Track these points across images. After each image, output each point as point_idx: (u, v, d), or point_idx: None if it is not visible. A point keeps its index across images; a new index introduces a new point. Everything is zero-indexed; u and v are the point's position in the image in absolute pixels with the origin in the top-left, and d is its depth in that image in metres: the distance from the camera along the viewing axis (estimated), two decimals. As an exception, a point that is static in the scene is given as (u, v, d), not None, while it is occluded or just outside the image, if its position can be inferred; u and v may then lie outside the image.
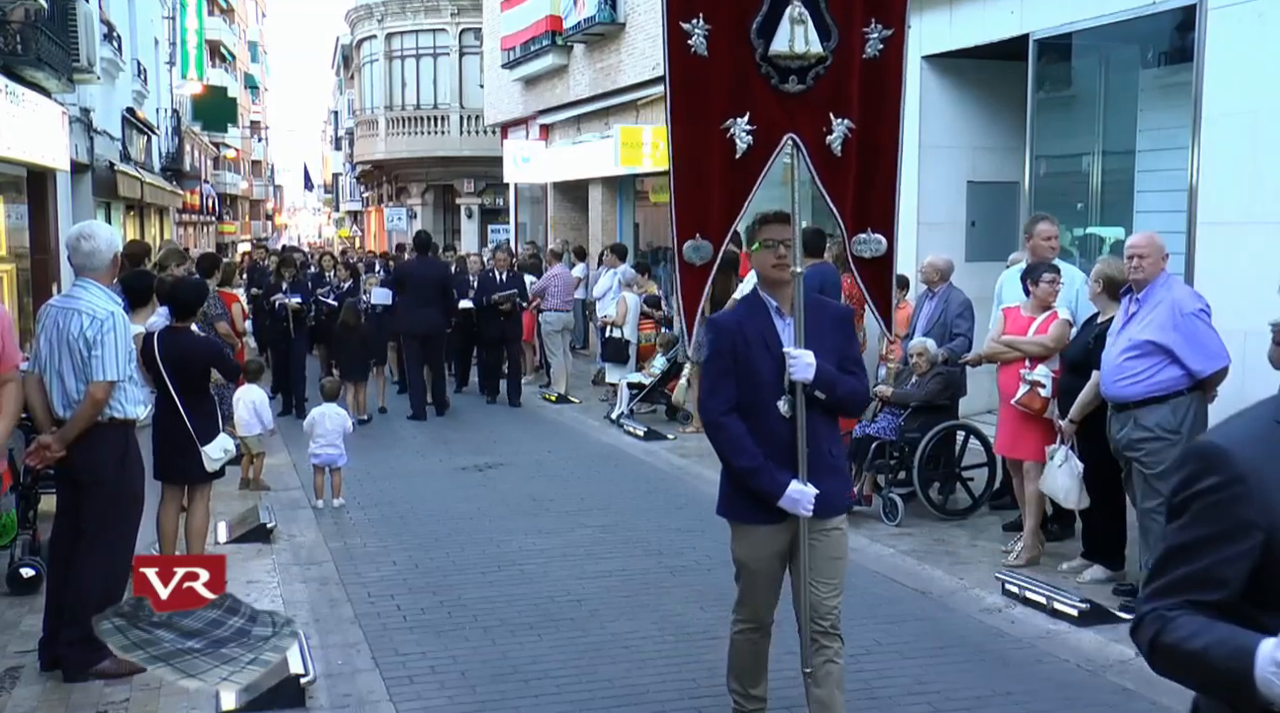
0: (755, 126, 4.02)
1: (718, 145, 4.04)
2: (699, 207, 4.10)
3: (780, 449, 3.93)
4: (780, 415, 3.93)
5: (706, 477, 9.46)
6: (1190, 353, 5.56)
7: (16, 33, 11.73)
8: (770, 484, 3.91)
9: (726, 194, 4.10)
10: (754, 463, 3.93)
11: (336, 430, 8.58)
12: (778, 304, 4.05)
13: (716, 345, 4.03)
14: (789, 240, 4.01)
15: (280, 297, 12.74)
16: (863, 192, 4.23)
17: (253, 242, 52.35)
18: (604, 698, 4.94)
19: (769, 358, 3.95)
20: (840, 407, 4.11)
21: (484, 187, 32.23)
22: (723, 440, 3.99)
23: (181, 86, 31.43)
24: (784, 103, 4.04)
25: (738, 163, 4.05)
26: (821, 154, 4.11)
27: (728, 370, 3.98)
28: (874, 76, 4.15)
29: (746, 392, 3.96)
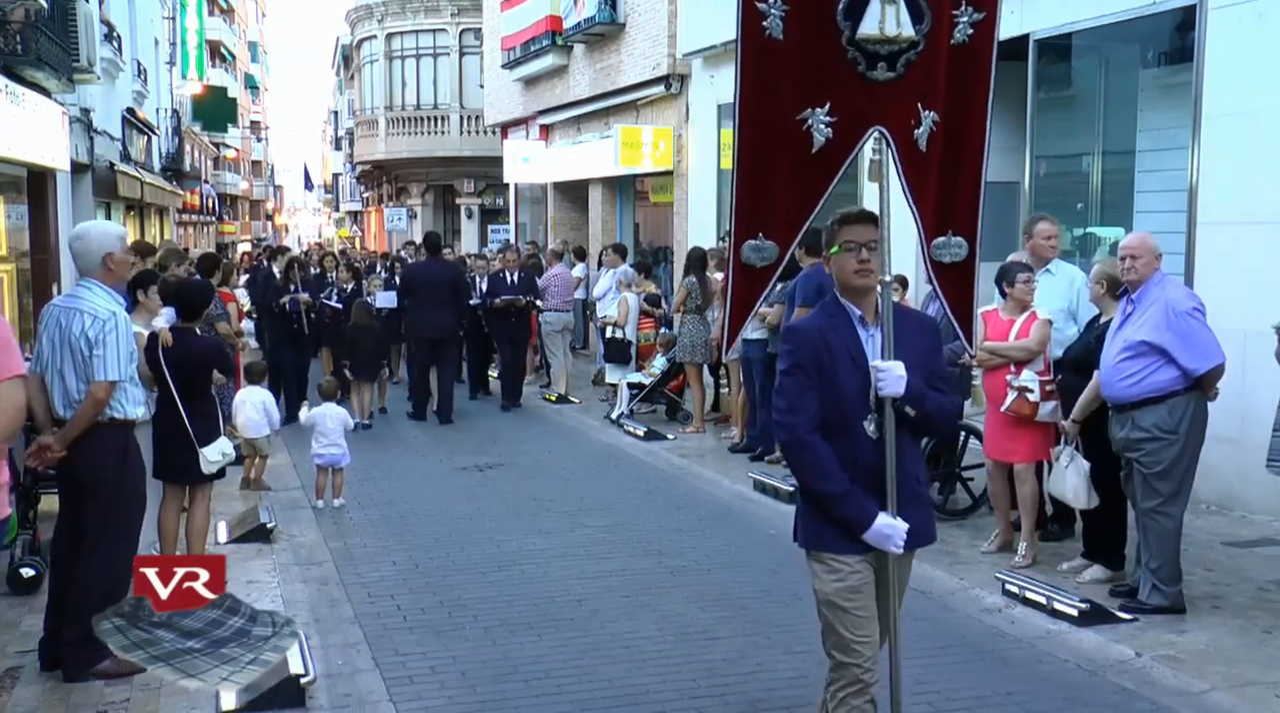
0: (836, 118, 3.63)
1: (791, 138, 3.65)
2: (764, 204, 3.74)
3: (866, 474, 3.57)
4: (867, 437, 3.57)
5: (706, 477, 9.48)
6: (1184, 352, 5.56)
7: (16, 33, 11.73)
8: (858, 513, 3.54)
9: (798, 191, 3.73)
10: (841, 488, 3.55)
11: (339, 430, 8.57)
12: (861, 313, 3.67)
13: (798, 356, 3.61)
14: (873, 243, 3.64)
15: (290, 295, 12.54)
16: (945, 191, 3.88)
17: (253, 242, 52.43)
18: (604, 698, 4.94)
19: (855, 372, 3.57)
20: (928, 426, 3.75)
21: (484, 186, 32.24)
22: (807, 461, 3.59)
23: (181, 86, 31.44)
24: (871, 92, 3.65)
25: (814, 158, 3.67)
26: (907, 149, 3.74)
27: (810, 385, 3.58)
28: (961, 65, 3.79)
29: (829, 409, 3.58)
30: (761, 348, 9.82)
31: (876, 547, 3.57)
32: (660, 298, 13.11)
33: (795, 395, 3.60)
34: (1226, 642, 5.38)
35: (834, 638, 3.71)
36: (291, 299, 12.51)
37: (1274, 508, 7.52)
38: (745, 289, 3.80)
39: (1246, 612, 5.80)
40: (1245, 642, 5.38)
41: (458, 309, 12.91)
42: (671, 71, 15.59)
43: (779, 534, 7.70)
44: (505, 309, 13.31)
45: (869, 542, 3.56)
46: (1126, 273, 5.75)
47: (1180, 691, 4.90)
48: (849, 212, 3.71)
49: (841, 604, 3.64)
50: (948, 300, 4.01)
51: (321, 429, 8.53)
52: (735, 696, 4.93)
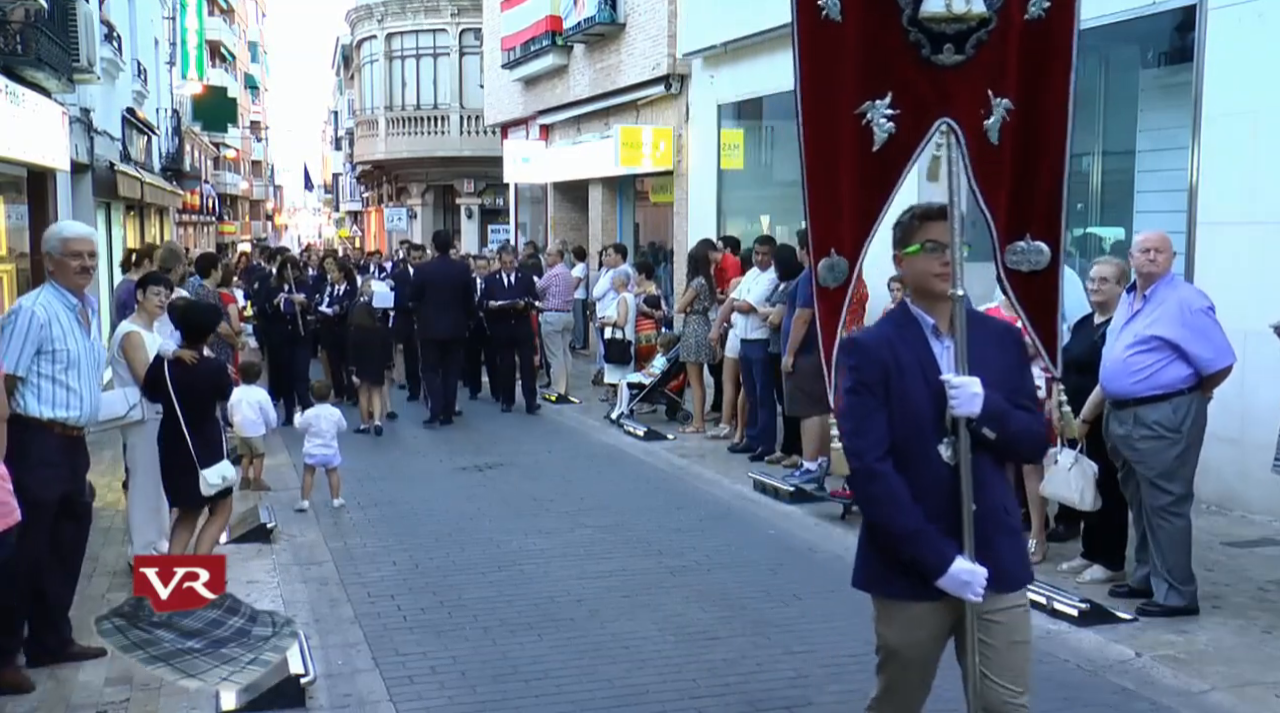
0: (899, 110, 3.20)
1: (850, 136, 3.24)
2: (833, 214, 3.31)
3: (941, 506, 3.12)
4: (943, 464, 3.13)
5: (706, 477, 9.48)
6: (1200, 347, 5.56)
7: (16, 33, 11.73)
8: (933, 555, 3.09)
9: (860, 197, 3.29)
10: (914, 525, 3.10)
11: (332, 430, 8.54)
12: (935, 321, 3.22)
13: (863, 373, 3.18)
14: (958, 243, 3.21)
15: (284, 295, 12.39)
16: (1020, 189, 3.39)
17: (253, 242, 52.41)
18: (604, 698, 4.94)
19: (927, 389, 3.14)
20: (1011, 448, 3.25)
21: (484, 186, 32.24)
22: (878, 494, 3.15)
23: (181, 86, 31.44)
24: (936, 78, 3.20)
25: (875, 157, 3.23)
26: (977, 142, 3.27)
27: (878, 405, 3.15)
28: (1037, 44, 3.29)
29: (899, 432, 3.15)
30: (762, 348, 9.82)
31: (953, 593, 3.11)
32: (660, 299, 13.09)
33: (861, 418, 3.17)
34: (1226, 642, 5.38)
35: (885, 682, 3.39)
36: (285, 300, 12.38)
37: (1274, 508, 7.52)
38: (825, 314, 3.42)
39: (1246, 612, 5.80)
40: (1245, 642, 5.38)
41: (467, 310, 12.75)
42: (671, 71, 15.58)
43: (779, 534, 7.71)
44: (504, 311, 13.18)
45: (943, 588, 3.09)
46: (1146, 266, 5.72)
47: (1180, 691, 4.90)
48: (930, 206, 3.25)
49: (903, 655, 3.27)
50: (1027, 314, 3.52)
51: (316, 430, 8.50)
52: (735, 696, 4.93)
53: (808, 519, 7.99)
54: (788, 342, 9.00)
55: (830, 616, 6.00)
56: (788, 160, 14.17)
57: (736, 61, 13.98)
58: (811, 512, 8.11)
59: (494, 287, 13.32)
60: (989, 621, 3.17)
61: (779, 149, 14.51)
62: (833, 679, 5.11)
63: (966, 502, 3.11)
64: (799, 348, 8.91)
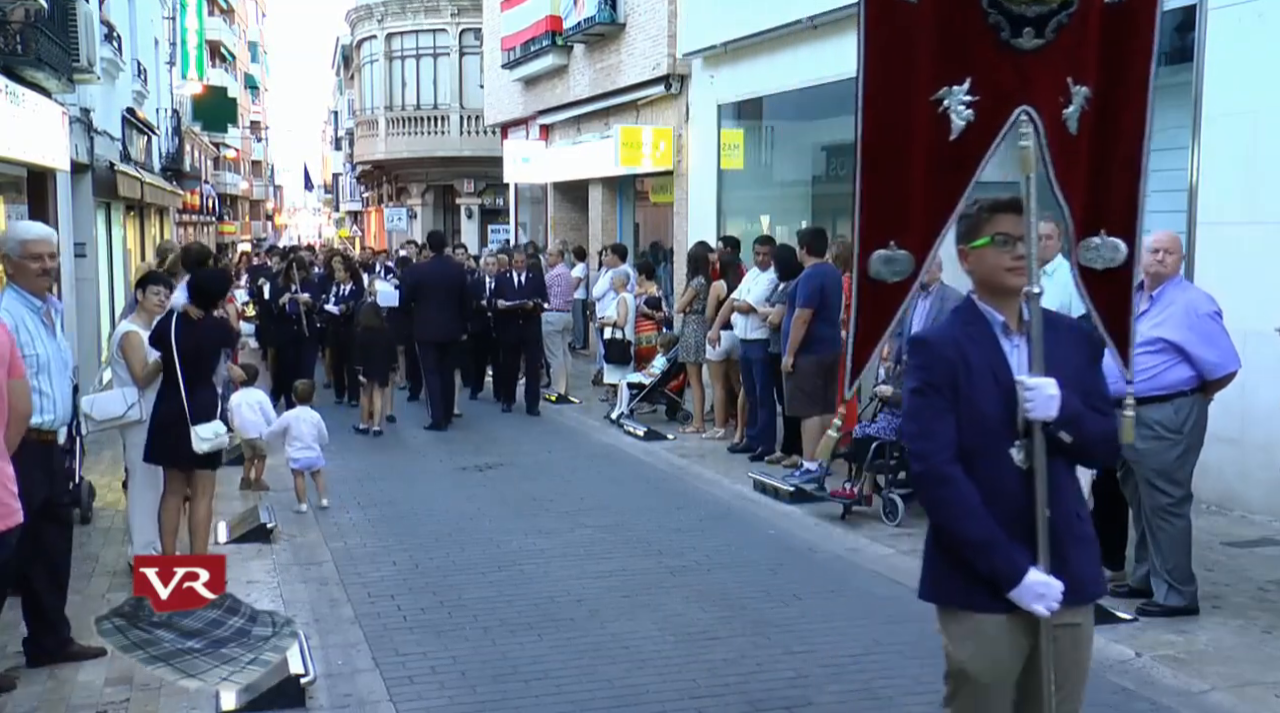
0: (978, 97, 3.01)
1: (924, 123, 3.04)
2: (895, 205, 3.11)
3: (1012, 515, 2.95)
4: (1014, 469, 2.96)
5: (706, 477, 9.48)
6: (1206, 351, 5.55)
7: (16, 33, 11.71)
8: (1006, 566, 2.91)
9: (934, 188, 3.09)
10: (986, 533, 2.93)
11: (312, 433, 8.42)
12: (1004, 319, 3.05)
13: (930, 373, 3.02)
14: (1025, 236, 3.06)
15: (290, 295, 12.25)
16: (1097, 183, 3.23)
17: (253, 242, 52.40)
18: (604, 698, 4.93)
19: (997, 391, 2.98)
20: (1086, 452, 3.08)
21: (484, 186, 32.24)
22: (948, 499, 2.97)
23: (181, 87, 31.42)
24: (1017, 64, 3.03)
25: (953, 146, 3.05)
26: (1056, 132, 3.10)
27: (946, 407, 2.99)
28: (1118, 29, 3.13)
29: (968, 436, 2.98)
30: (762, 348, 9.82)
31: (1024, 607, 2.92)
32: (660, 301, 13.08)
33: (928, 420, 3.01)
34: (1226, 642, 5.38)
35: (957, 710, 3.16)
36: (291, 300, 12.28)
37: (1274, 508, 7.52)
38: (873, 310, 3.15)
39: (1246, 612, 5.80)
40: (1245, 642, 5.38)
41: (465, 310, 12.53)
42: (671, 71, 15.58)
43: (779, 534, 7.71)
44: (513, 312, 12.89)
45: (1015, 601, 2.92)
46: (1154, 266, 5.70)
47: (1180, 691, 4.90)
48: (1000, 198, 3.08)
49: (976, 677, 3.04)
50: (1100, 314, 3.34)
51: (295, 432, 8.40)
52: (735, 696, 4.93)
53: (808, 519, 7.99)
54: (787, 342, 9.00)
55: (830, 616, 6.00)
56: (788, 160, 14.19)
57: (736, 61, 13.98)
58: (811, 512, 8.11)
59: (504, 286, 13.03)
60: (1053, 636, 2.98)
61: (779, 149, 14.51)
62: (833, 679, 5.11)
63: (1041, 509, 2.94)
64: (799, 348, 8.92)
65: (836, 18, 11.65)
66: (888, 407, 7.96)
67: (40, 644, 5.17)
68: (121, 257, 20.19)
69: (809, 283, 8.95)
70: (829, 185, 12.99)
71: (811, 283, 8.94)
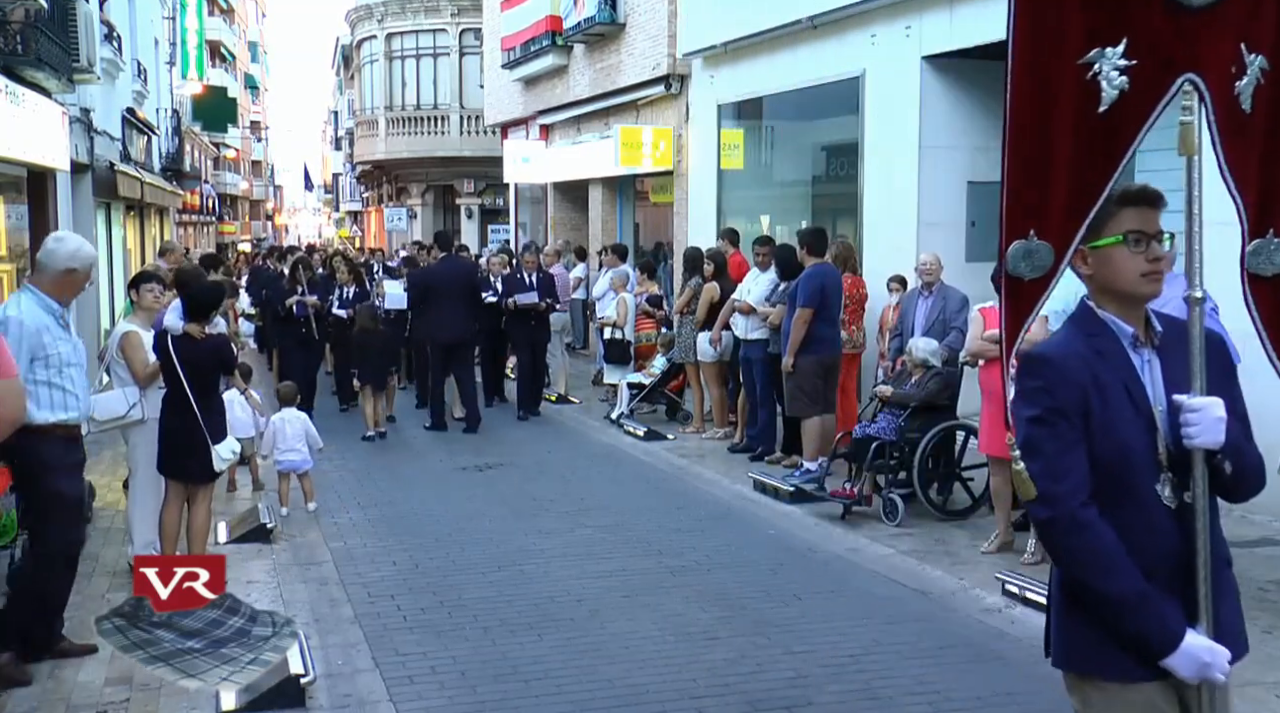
0: (1134, 61, 2.51)
1: (1071, 92, 2.54)
2: (1037, 188, 2.60)
3: (1159, 564, 2.51)
4: (1161, 508, 2.52)
5: (706, 477, 9.48)
6: None
7: (16, 33, 11.72)
8: (1159, 628, 2.46)
9: (1078, 169, 2.56)
10: (1135, 590, 2.46)
11: (299, 435, 8.27)
12: (1134, 330, 2.62)
13: (1056, 397, 2.54)
14: (1164, 234, 2.64)
15: (298, 297, 11.99)
16: (1270, 172, 2.71)
17: (253, 242, 52.38)
18: (604, 698, 4.93)
19: (1136, 416, 2.54)
20: (1241, 485, 2.62)
21: (484, 186, 32.25)
22: (1084, 550, 2.49)
23: (181, 87, 31.43)
24: (1182, 25, 2.52)
25: (1102, 120, 2.54)
26: (1226, 107, 2.60)
27: (1077, 438, 2.52)
28: None
29: (1103, 471, 2.52)
30: (761, 348, 9.82)
31: (1181, 676, 2.50)
32: (661, 299, 13.09)
33: (1055, 455, 2.51)
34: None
35: None
36: (298, 302, 12.02)
37: (1274, 508, 7.52)
38: (1012, 311, 2.65)
39: (1246, 612, 5.77)
40: (1245, 642, 5.38)
41: (474, 311, 12.25)
42: (671, 71, 15.58)
43: (779, 534, 7.71)
44: (524, 312, 12.59)
45: (1172, 669, 2.48)
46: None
47: (1180, 691, 4.90)
48: (1131, 188, 2.64)
49: None
50: (1265, 325, 2.92)
51: (280, 435, 8.28)
52: (735, 696, 4.93)
53: (808, 519, 7.99)
54: (788, 342, 9.00)
55: (830, 616, 6.00)
56: (788, 160, 14.19)
57: (736, 61, 13.98)
58: (811, 512, 8.11)
59: (514, 285, 12.72)
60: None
61: (779, 149, 14.51)
62: (833, 679, 5.11)
63: (1203, 556, 2.48)
64: (799, 348, 8.92)
65: (836, 18, 11.67)
66: (888, 407, 7.97)
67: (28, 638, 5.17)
68: (121, 257, 20.20)
69: (809, 283, 8.95)
70: (829, 185, 13.00)
71: (812, 283, 8.94)
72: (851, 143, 11.82)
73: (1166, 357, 2.61)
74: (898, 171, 10.94)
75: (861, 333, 9.94)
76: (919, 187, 10.68)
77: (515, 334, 12.91)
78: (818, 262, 9.14)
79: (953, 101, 10.70)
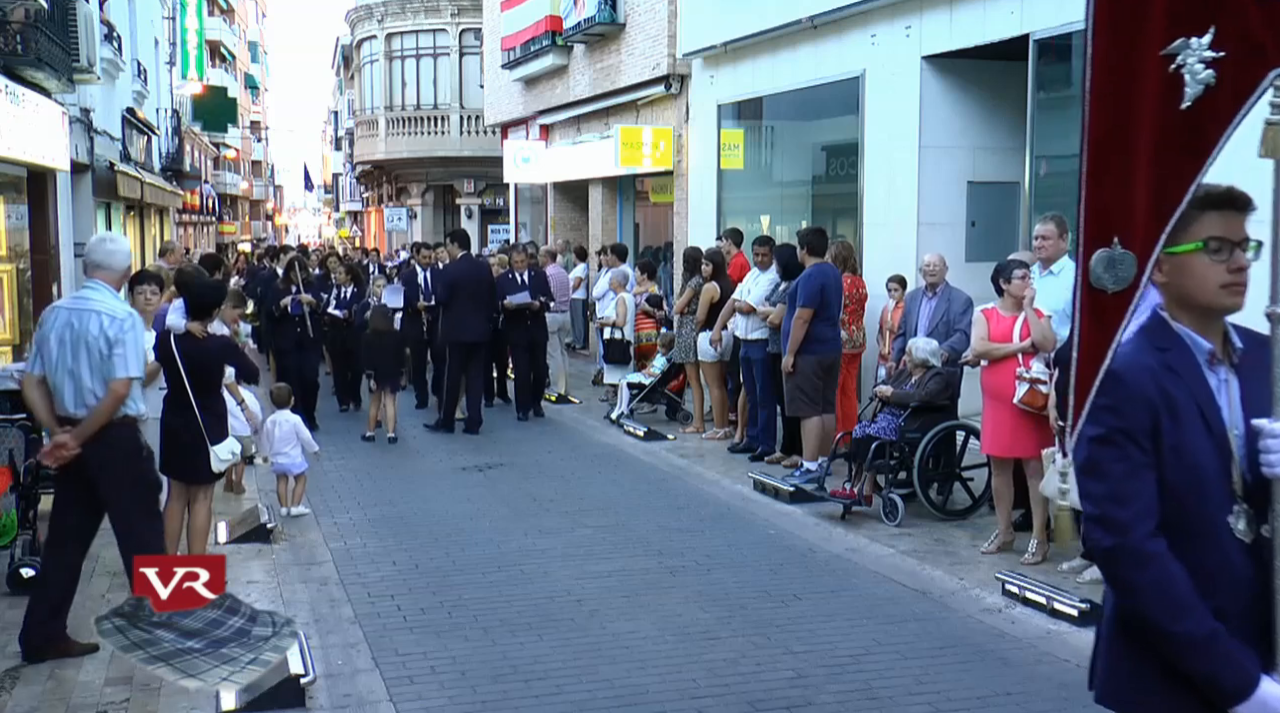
0: (1222, 52, 2.32)
1: (1153, 86, 2.36)
2: (1119, 192, 2.41)
3: (1230, 602, 2.30)
4: (1234, 542, 2.32)
5: (706, 477, 9.48)
6: None
7: (16, 33, 11.72)
8: (1232, 673, 2.24)
9: (1160, 171, 2.38)
10: (1206, 630, 2.25)
11: (288, 437, 8.20)
12: (1212, 346, 2.40)
13: (1123, 416, 2.34)
14: (1249, 241, 2.39)
15: (293, 296, 11.84)
16: None
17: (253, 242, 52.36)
18: (604, 698, 4.94)
19: (1209, 440, 2.33)
20: None
21: (484, 186, 32.26)
22: (1151, 585, 2.29)
23: (181, 87, 31.45)
24: (1271, 13, 2.32)
25: (1185, 117, 2.36)
26: None
27: (1145, 461, 2.32)
28: None
29: (1174, 500, 2.32)
30: (761, 348, 9.82)
31: None
32: (661, 299, 13.08)
33: (1121, 478, 2.31)
34: (1226, 642, 5.38)
35: None
36: (293, 301, 11.89)
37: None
38: (1094, 328, 2.44)
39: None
40: (1245, 642, 5.38)
41: (492, 311, 12.09)
42: (671, 71, 15.58)
43: (779, 534, 7.71)
44: (519, 312, 12.46)
45: None
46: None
47: (1180, 691, 4.90)
48: (1215, 189, 2.40)
49: None
50: None
51: (269, 437, 8.20)
52: (735, 696, 4.93)
53: (808, 519, 7.99)
54: (788, 341, 9.00)
55: (830, 616, 6.00)
56: (788, 160, 14.19)
57: (736, 61, 13.98)
58: (811, 512, 8.11)
59: (506, 286, 12.54)
60: None
61: (779, 149, 14.51)
62: (833, 679, 5.11)
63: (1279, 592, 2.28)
64: (798, 348, 8.92)
65: (836, 18, 11.67)
66: (888, 407, 7.97)
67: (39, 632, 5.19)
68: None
69: (809, 283, 8.94)
70: (829, 185, 13.00)
71: (812, 283, 8.94)
72: (851, 143, 11.82)
73: (1246, 377, 2.39)
74: (898, 172, 10.94)
75: (862, 332, 9.94)
76: (919, 187, 10.68)
77: (512, 335, 12.78)
78: (818, 262, 9.13)
79: (953, 101, 10.71)
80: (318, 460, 8.87)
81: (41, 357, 5.15)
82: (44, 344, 5.15)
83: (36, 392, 5.14)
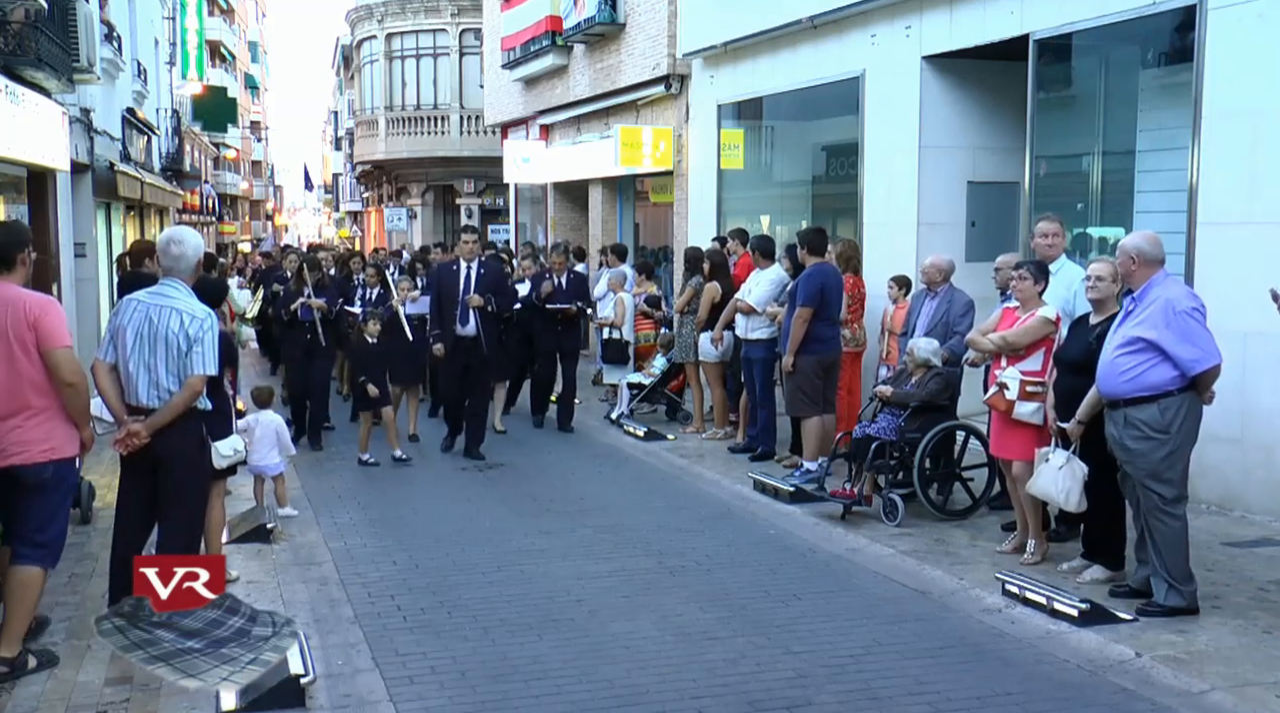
0: None
1: None
2: None
3: None
4: None
5: (706, 477, 9.48)
6: (1180, 350, 5.56)
7: (16, 33, 11.72)
8: None
9: None
10: None
11: (267, 439, 8.04)
12: None
13: None
14: None
15: (303, 300, 11.11)
16: None
17: (253, 242, 52.33)
18: (604, 698, 4.94)
19: None
20: None
21: (484, 187, 32.25)
22: None
23: (181, 87, 31.42)
24: None
25: None
26: None
27: None
28: None
29: None
30: (763, 348, 9.82)
31: None
32: (660, 300, 13.08)
33: None
34: (1226, 642, 5.38)
35: None
36: (303, 306, 11.12)
37: (1274, 508, 7.52)
38: None
39: (1246, 612, 5.80)
40: (1245, 642, 5.38)
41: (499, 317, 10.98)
42: (671, 71, 15.58)
43: (779, 534, 7.71)
44: (552, 316, 11.92)
45: None
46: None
47: (1180, 691, 4.90)
48: None
49: None
50: None
51: (249, 436, 7.95)
52: (735, 696, 4.93)
53: (808, 519, 7.99)
54: (788, 341, 9.00)
55: (830, 615, 6.00)
56: (788, 160, 14.19)
57: (736, 61, 13.98)
58: (811, 512, 8.11)
59: (540, 286, 11.92)
60: None
61: (779, 149, 14.51)
62: (833, 679, 5.11)
63: None
64: (799, 348, 8.91)
65: (836, 18, 11.67)
66: (888, 407, 7.96)
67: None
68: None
69: (809, 282, 8.94)
70: (829, 185, 13.00)
71: (812, 282, 8.94)
72: (851, 143, 11.82)
73: None
74: (898, 172, 10.94)
75: (863, 332, 9.94)
76: (919, 187, 10.68)
77: (543, 340, 12.13)
78: (818, 261, 9.13)
79: (953, 101, 10.71)
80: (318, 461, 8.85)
81: (115, 345, 5.31)
82: (119, 334, 5.29)
83: (107, 379, 5.29)
